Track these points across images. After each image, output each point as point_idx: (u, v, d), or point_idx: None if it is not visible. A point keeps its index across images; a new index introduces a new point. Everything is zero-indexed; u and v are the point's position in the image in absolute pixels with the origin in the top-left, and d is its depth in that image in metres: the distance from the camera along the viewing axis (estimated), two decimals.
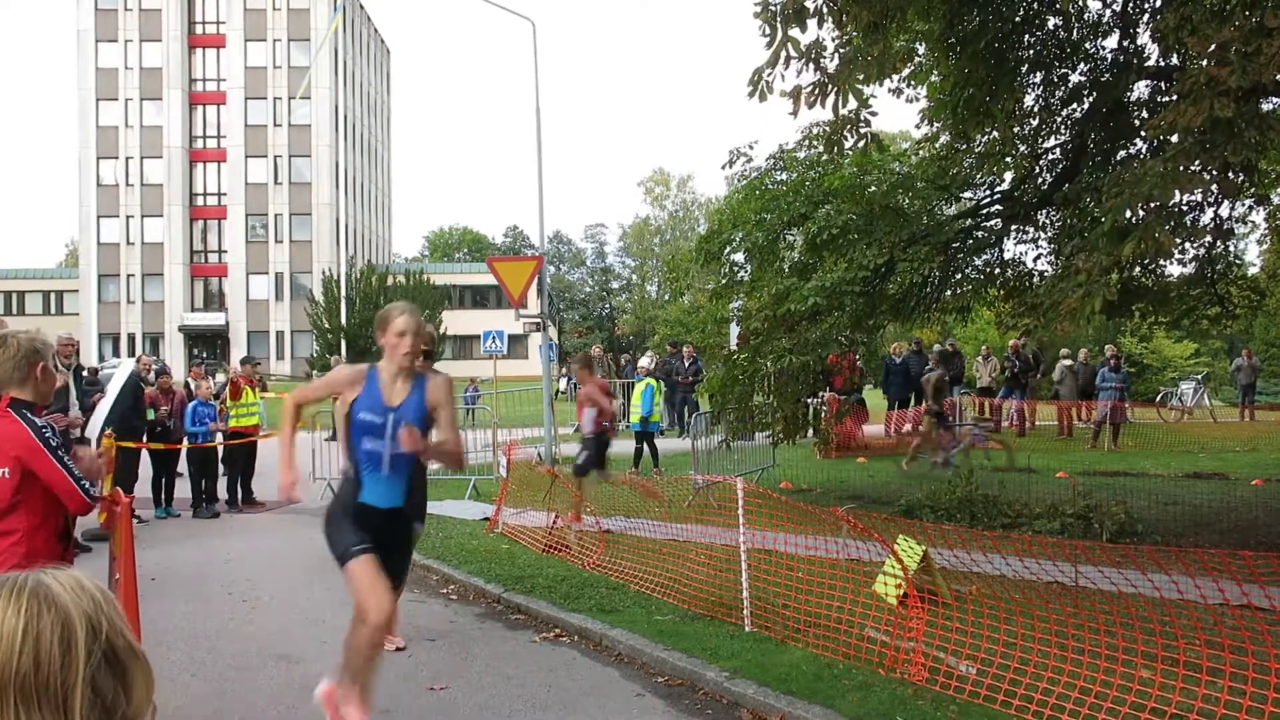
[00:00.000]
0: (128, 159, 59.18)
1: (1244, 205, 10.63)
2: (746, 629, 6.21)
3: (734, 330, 13.75)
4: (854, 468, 15.11)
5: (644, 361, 18.37)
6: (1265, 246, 20.77)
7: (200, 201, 60.41)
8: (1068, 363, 20.58)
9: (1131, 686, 4.45)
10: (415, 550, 9.13)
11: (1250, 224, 12.87)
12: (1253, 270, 19.87)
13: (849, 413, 15.56)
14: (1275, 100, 8.70)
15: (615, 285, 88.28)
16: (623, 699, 5.37)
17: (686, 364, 20.69)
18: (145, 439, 11.61)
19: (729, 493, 7.02)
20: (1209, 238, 9.87)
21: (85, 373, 14.23)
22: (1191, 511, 10.35)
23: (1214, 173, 7.35)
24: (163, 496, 11.95)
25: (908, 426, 19.05)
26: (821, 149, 10.28)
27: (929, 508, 9.83)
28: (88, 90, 58.95)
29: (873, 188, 10.40)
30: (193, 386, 13.22)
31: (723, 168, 11.78)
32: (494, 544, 9.46)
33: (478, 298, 62.74)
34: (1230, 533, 9.16)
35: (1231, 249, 12.35)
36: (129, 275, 59.03)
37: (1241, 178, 8.46)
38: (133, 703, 1.19)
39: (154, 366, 14.65)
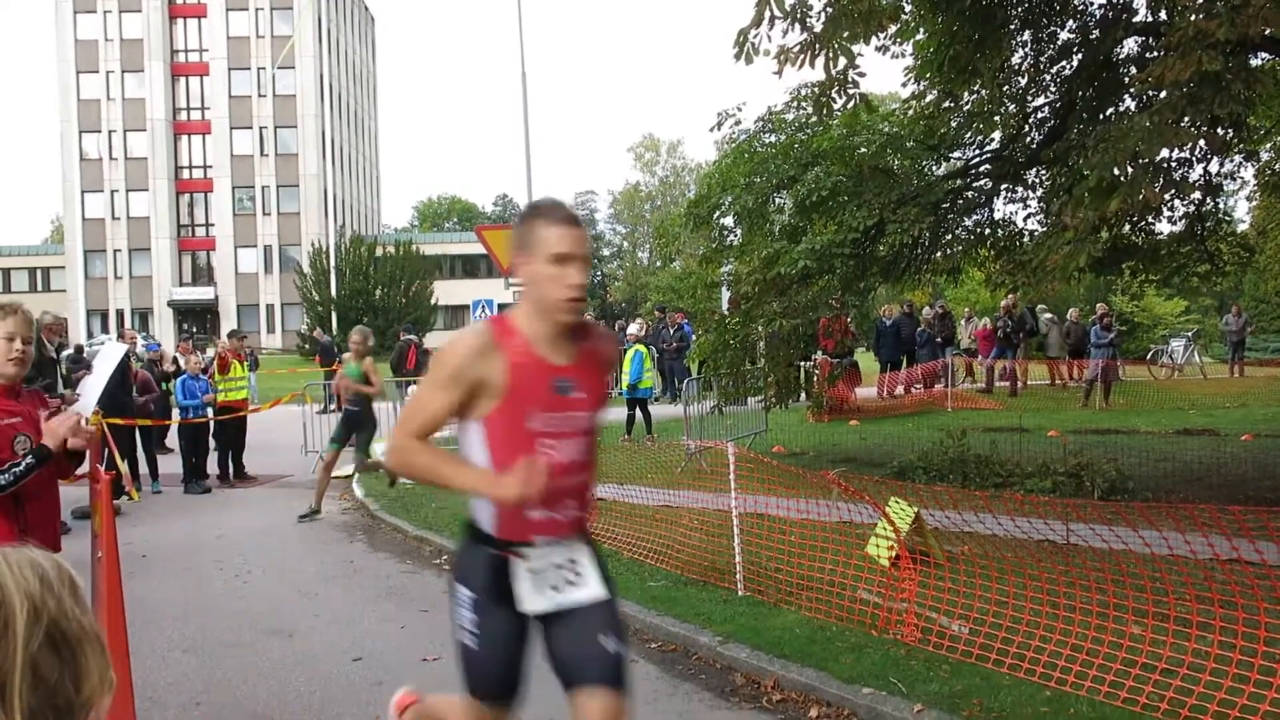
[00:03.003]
0: (110, 133, 58.57)
1: (1233, 161, 10.59)
2: (739, 594, 6.21)
3: (725, 295, 13.68)
4: (847, 431, 15.13)
5: (632, 329, 18.32)
6: (1254, 203, 20.75)
7: (186, 175, 59.87)
8: (1049, 316, 20.71)
9: (1122, 643, 4.47)
10: (409, 521, 9.19)
11: (1239, 180, 12.85)
12: (1242, 227, 19.87)
13: (841, 376, 15.54)
14: (1264, 54, 8.63)
15: (606, 252, 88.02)
16: None
17: (671, 330, 20.66)
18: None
19: (721, 458, 7.02)
20: (1198, 194, 9.82)
21: (70, 350, 14.13)
22: (1182, 468, 10.40)
23: (1202, 128, 7.28)
24: (148, 470, 11.91)
25: (899, 389, 19.10)
26: (810, 110, 10.16)
27: (921, 469, 9.86)
28: (68, 63, 58.19)
29: (862, 149, 10.29)
30: (181, 362, 13.15)
31: (711, 130, 11.64)
32: None
33: (468, 267, 62.40)
34: (1220, 488, 9.20)
35: (1221, 205, 12.31)
36: (115, 250, 58.63)
37: (1230, 133, 8.39)
38: (84, 690, 1.12)
39: (140, 339, 14.55)
